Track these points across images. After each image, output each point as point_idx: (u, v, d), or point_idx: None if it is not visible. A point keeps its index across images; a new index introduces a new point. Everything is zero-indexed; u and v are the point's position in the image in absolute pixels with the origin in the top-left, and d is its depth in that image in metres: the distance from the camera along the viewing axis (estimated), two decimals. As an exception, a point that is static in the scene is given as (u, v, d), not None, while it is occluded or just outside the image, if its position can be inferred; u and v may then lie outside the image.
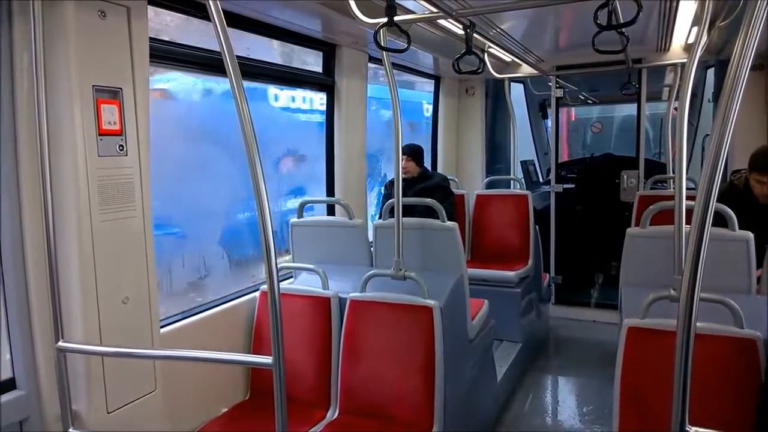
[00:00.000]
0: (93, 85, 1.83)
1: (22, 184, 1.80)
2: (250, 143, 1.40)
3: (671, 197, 2.25)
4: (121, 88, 1.92)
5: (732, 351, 1.99)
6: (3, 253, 1.81)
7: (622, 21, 2.00)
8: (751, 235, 2.43)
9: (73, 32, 1.75)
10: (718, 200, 1.26)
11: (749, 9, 1.10)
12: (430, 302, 2.51)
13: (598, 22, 1.87)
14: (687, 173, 2.11)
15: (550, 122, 5.85)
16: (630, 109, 6.43)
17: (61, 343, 1.71)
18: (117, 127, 1.92)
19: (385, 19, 1.97)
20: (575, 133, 8.58)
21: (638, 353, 2.09)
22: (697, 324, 1.22)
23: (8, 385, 1.85)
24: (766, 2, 1.09)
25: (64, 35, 1.73)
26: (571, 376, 4.30)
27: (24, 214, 1.81)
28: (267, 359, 1.45)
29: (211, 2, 1.36)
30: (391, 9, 1.94)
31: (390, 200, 2.89)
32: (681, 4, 3.13)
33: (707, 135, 5.57)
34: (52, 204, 1.69)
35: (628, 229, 2.69)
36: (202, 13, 2.40)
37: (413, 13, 2.75)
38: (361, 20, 2.43)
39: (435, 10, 2.36)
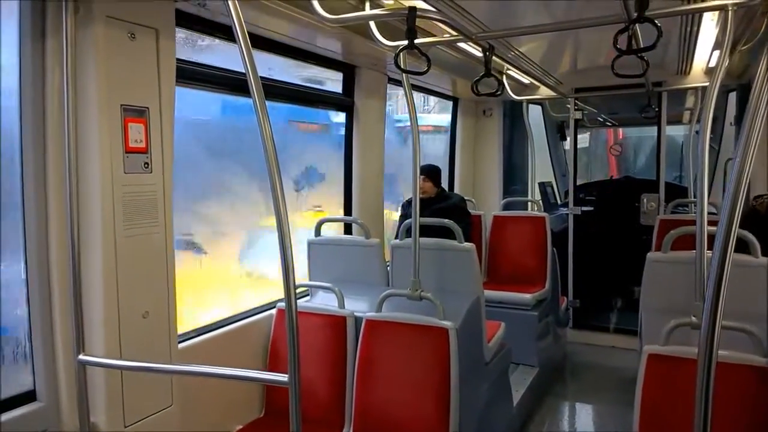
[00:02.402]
0: (121, 105, 1.88)
1: (49, 200, 1.84)
2: (271, 162, 1.43)
3: (692, 221, 2.23)
4: (147, 108, 1.97)
5: (754, 380, 1.94)
6: (29, 266, 1.85)
7: (642, 45, 2.01)
8: None
9: (104, 53, 1.81)
10: (739, 225, 1.25)
11: None
12: (446, 323, 2.50)
13: (618, 46, 1.88)
14: (709, 198, 2.08)
15: (568, 143, 5.84)
16: (674, 130, 6.43)
17: (82, 356, 1.74)
18: (143, 145, 1.97)
19: (405, 42, 2.01)
20: (624, 153, 8.50)
21: (658, 381, 2.06)
22: (719, 352, 1.20)
23: (29, 397, 1.88)
24: None
25: (95, 55, 1.79)
26: (588, 402, 4.22)
27: (50, 228, 1.85)
28: (283, 377, 1.46)
29: (236, 25, 1.41)
30: (412, 32, 1.97)
31: (407, 220, 2.90)
32: (701, 28, 3.13)
33: (729, 159, 5.51)
34: (78, 218, 1.73)
35: (649, 254, 2.66)
36: (228, 35, 2.47)
37: (433, 36, 2.79)
38: (382, 43, 2.47)
39: (455, 33, 2.39)
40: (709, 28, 3.11)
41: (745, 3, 2.16)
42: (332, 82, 3.60)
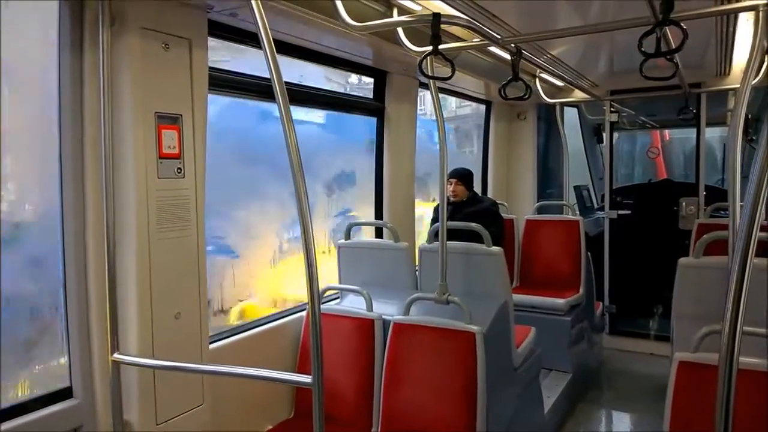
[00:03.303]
0: (155, 112, 1.95)
1: (86, 203, 1.92)
2: (296, 167, 1.46)
3: None
4: (181, 115, 2.04)
5: None
6: (66, 268, 1.93)
7: (672, 47, 1.96)
8: None
9: (139, 63, 1.88)
10: None
11: None
12: (473, 327, 2.49)
13: (643, 49, 1.84)
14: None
15: (604, 144, 5.71)
16: (718, 131, 6.24)
17: (116, 356, 1.81)
18: (176, 151, 2.03)
19: (430, 48, 2.01)
20: (671, 154, 8.28)
21: (689, 389, 2.01)
22: (743, 359, 1.17)
23: (65, 394, 1.95)
24: None
25: (130, 65, 1.86)
26: (624, 410, 4.12)
27: (87, 231, 1.93)
28: (307, 379, 1.48)
29: (261, 30, 1.45)
30: (436, 38, 1.97)
31: (436, 224, 2.90)
32: (738, 28, 3.03)
33: None
34: (114, 222, 1.80)
35: (681, 259, 2.60)
36: (257, 43, 2.52)
37: (462, 40, 2.79)
38: (409, 48, 2.48)
39: (482, 37, 2.38)
40: (746, 29, 3.01)
41: None
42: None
